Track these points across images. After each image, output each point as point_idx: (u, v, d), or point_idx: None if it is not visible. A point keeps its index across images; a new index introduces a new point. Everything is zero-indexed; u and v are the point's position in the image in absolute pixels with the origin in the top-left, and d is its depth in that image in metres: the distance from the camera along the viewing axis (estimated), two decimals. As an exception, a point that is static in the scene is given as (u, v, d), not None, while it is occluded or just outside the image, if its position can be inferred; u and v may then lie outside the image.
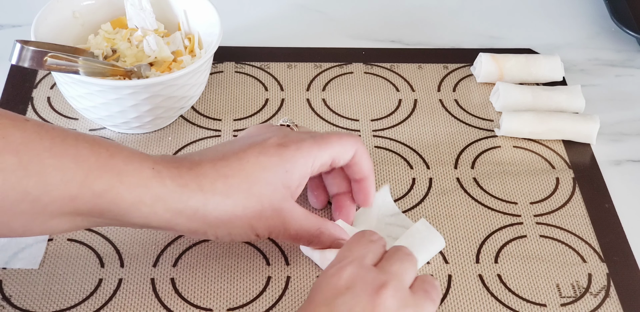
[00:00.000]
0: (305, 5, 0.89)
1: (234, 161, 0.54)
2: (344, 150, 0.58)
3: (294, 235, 0.57)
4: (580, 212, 0.67)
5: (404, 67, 0.80)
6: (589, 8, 0.91)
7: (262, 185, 0.54)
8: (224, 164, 0.54)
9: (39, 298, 0.58)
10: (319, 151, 0.57)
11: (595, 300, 0.61)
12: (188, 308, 0.58)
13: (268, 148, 0.55)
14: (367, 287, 0.48)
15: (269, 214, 0.55)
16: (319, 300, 0.49)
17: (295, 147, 0.56)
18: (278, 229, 0.56)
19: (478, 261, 0.63)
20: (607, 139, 0.75)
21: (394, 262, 0.51)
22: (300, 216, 0.56)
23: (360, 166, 0.60)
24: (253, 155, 0.55)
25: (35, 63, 0.61)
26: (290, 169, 0.55)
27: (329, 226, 0.58)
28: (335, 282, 0.49)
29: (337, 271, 0.50)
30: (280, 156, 0.55)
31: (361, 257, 0.51)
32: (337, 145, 0.58)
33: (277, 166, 0.55)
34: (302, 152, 0.56)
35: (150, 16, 0.72)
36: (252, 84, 0.77)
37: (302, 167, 0.56)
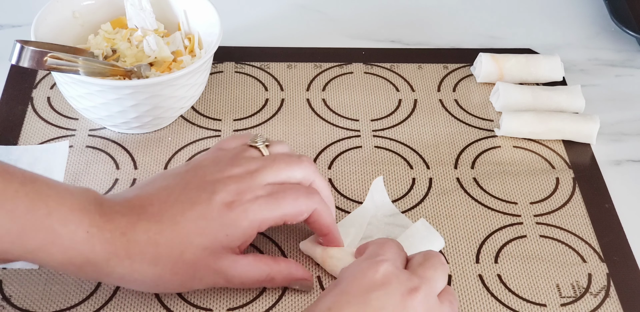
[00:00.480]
0: (305, 5, 0.89)
1: (168, 226, 0.53)
2: (297, 213, 0.56)
3: (239, 285, 0.56)
4: (580, 212, 0.67)
5: (404, 67, 0.80)
6: (588, 8, 0.91)
7: (195, 251, 0.53)
8: (158, 229, 0.52)
9: (39, 298, 0.58)
10: (269, 213, 0.55)
11: (595, 300, 0.61)
12: (188, 308, 0.58)
13: (211, 210, 0.53)
14: (401, 287, 0.50)
15: (203, 275, 0.54)
16: (353, 291, 0.49)
17: (241, 209, 0.54)
18: (219, 283, 0.55)
19: (478, 261, 0.63)
20: (607, 139, 0.75)
21: (428, 268, 0.52)
22: (244, 268, 0.55)
23: (319, 225, 0.58)
24: (191, 219, 0.53)
25: (35, 63, 0.61)
26: (232, 233, 0.54)
27: (282, 268, 0.57)
28: (371, 275, 0.50)
29: (374, 265, 0.51)
30: (222, 221, 0.53)
31: (394, 259, 0.52)
32: (290, 207, 0.55)
33: (217, 232, 0.53)
34: (248, 215, 0.54)
35: (150, 16, 0.72)
36: (252, 84, 0.77)
37: (247, 230, 0.54)
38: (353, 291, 0.49)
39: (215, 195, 0.54)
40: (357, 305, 0.49)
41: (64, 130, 0.71)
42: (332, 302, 0.49)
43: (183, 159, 0.69)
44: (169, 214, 0.53)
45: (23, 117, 0.72)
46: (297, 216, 0.56)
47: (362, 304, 0.49)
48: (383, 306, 0.48)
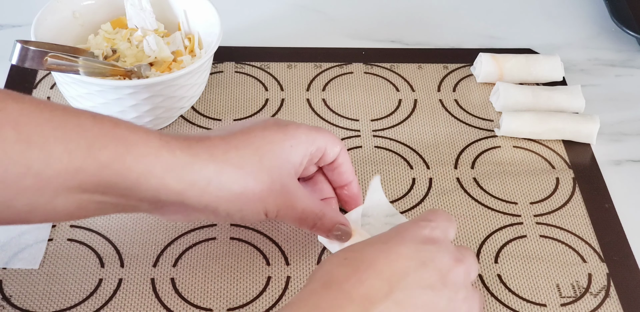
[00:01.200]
0: (305, 5, 0.89)
1: (241, 135, 0.54)
2: (333, 144, 0.59)
3: (300, 214, 0.56)
4: (580, 212, 0.67)
5: (404, 67, 0.80)
6: (589, 8, 0.91)
7: (271, 158, 0.54)
8: (232, 138, 0.54)
9: (39, 298, 0.58)
10: (317, 134, 0.57)
11: (595, 300, 0.61)
12: (188, 308, 0.58)
13: (270, 126, 0.56)
14: (450, 251, 0.50)
15: (278, 189, 0.54)
16: (408, 236, 0.50)
17: (294, 126, 0.57)
18: (286, 207, 0.55)
19: (478, 261, 0.63)
20: (607, 139, 0.75)
21: (468, 255, 0.52)
22: (305, 195, 0.56)
23: (345, 167, 0.60)
24: (259, 130, 0.55)
25: (36, 63, 0.61)
26: (295, 145, 0.56)
27: (330, 209, 0.58)
28: (427, 233, 0.51)
29: (430, 227, 0.51)
30: (284, 132, 0.56)
31: (445, 229, 0.52)
32: (328, 135, 0.59)
33: (282, 141, 0.55)
34: (302, 130, 0.57)
35: (150, 16, 0.72)
36: (252, 84, 0.77)
37: (304, 143, 0.56)
38: (409, 236, 0.50)
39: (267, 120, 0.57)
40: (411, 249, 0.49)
41: (64, 130, 0.71)
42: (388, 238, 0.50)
43: (183, 159, 0.69)
44: (237, 128, 0.55)
45: (23, 117, 0.72)
46: (333, 145, 0.58)
47: (415, 250, 0.49)
48: (433, 259, 0.49)
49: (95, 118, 0.48)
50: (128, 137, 0.48)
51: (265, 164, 0.53)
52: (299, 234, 0.64)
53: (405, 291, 0.46)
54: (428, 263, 0.48)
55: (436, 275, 0.48)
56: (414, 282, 0.47)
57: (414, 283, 0.47)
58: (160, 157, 0.49)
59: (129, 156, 0.48)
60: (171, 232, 0.63)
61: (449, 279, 0.49)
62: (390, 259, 0.48)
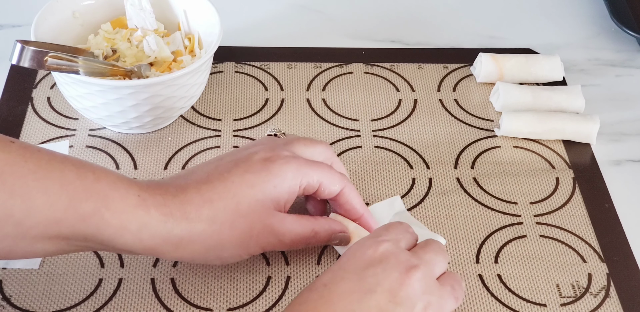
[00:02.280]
0: (305, 5, 0.89)
1: (219, 184, 0.53)
2: (331, 182, 0.57)
3: (289, 244, 0.57)
4: (580, 212, 0.67)
5: (404, 67, 0.80)
6: (589, 8, 0.91)
7: (249, 203, 0.53)
8: (208, 188, 0.53)
9: (39, 298, 0.58)
10: (309, 170, 0.56)
11: (595, 300, 0.61)
12: (188, 308, 0.58)
13: (254, 164, 0.55)
14: (400, 266, 0.50)
15: (259, 232, 0.54)
16: (350, 267, 0.50)
17: (282, 161, 0.55)
18: (272, 244, 0.56)
19: (478, 261, 0.63)
20: (607, 139, 0.75)
21: (428, 251, 0.53)
22: (292, 225, 0.56)
23: (352, 205, 0.59)
24: (238, 174, 0.54)
25: (36, 63, 0.61)
26: (279, 184, 0.54)
27: (322, 223, 0.58)
28: (371, 253, 0.50)
29: (375, 244, 0.51)
30: (268, 171, 0.54)
31: (397, 240, 0.52)
32: (325, 172, 0.57)
33: (264, 182, 0.54)
34: (291, 166, 0.55)
35: (150, 16, 0.72)
36: (252, 84, 0.77)
37: (291, 181, 0.55)
38: (350, 267, 0.50)
39: (254, 154, 0.56)
40: (353, 281, 0.49)
41: (64, 130, 0.71)
42: (329, 279, 0.50)
43: (183, 159, 0.69)
44: (216, 173, 0.54)
45: (23, 117, 0.72)
46: (332, 183, 0.57)
47: (358, 280, 0.49)
48: (379, 282, 0.49)
49: (78, 171, 0.50)
50: (107, 193, 0.50)
51: (242, 211, 0.53)
52: (299, 234, 0.64)
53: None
54: (375, 288, 0.48)
55: (386, 297, 0.48)
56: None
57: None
58: (136, 215, 0.50)
59: (107, 212, 0.50)
60: (171, 232, 0.63)
61: (402, 295, 0.49)
62: (332, 302, 0.48)
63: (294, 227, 0.56)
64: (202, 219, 0.52)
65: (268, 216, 0.54)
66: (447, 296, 0.52)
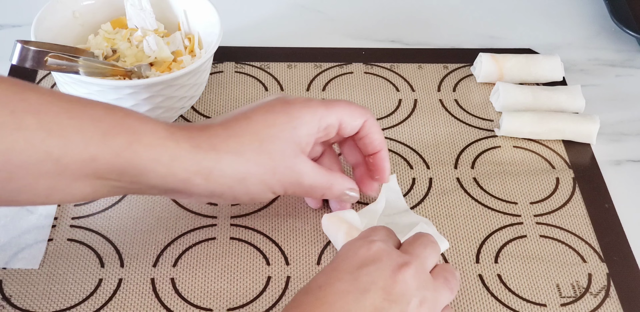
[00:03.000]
0: (305, 5, 0.89)
1: (242, 121, 0.55)
2: (352, 117, 0.59)
3: (307, 189, 0.58)
4: (580, 212, 0.67)
5: (404, 67, 0.80)
6: (589, 8, 0.91)
7: (272, 141, 0.55)
8: (233, 125, 0.55)
9: (39, 298, 0.58)
10: (326, 111, 0.57)
11: (595, 300, 0.61)
12: (188, 308, 0.58)
13: (274, 106, 0.57)
14: (392, 263, 0.50)
15: (282, 170, 0.56)
16: (344, 268, 0.50)
17: (301, 104, 0.57)
18: (293, 184, 0.57)
19: (478, 261, 0.63)
20: (607, 139, 0.75)
21: (417, 246, 0.53)
22: (312, 171, 0.57)
23: (371, 138, 0.60)
24: (260, 114, 0.56)
25: (36, 63, 0.61)
26: (298, 126, 0.56)
27: (338, 177, 0.59)
28: (363, 253, 0.51)
29: (366, 244, 0.52)
30: (287, 113, 0.56)
31: (386, 240, 0.53)
32: (345, 109, 0.58)
33: (284, 123, 0.56)
34: (309, 108, 0.57)
35: (150, 16, 0.72)
36: (252, 84, 0.77)
37: (309, 123, 0.57)
38: (344, 268, 0.50)
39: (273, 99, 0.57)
40: (348, 281, 0.49)
41: (64, 130, 0.71)
42: (324, 280, 0.50)
43: (183, 159, 0.69)
44: (240, 113, 0.56)
45: (23, 117, 0.72)
46: (351, 120, 0.58)
47: (352, 280, 0.49)
48: (373, 280, 0.49)
49: (107, 109, 0.51)
50: (138, 127, 0.51)
51: (266, 148, 0.55)
52: (299, 234, 0.64)
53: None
54: (369, 287, 0.49)
55: (380, 296, 0.48)
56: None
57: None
58: (167, 147, 0.52)
59: (139, 145, 0.51)
60: (171, 232, 0.63)
61: (396, 292, 0.49)
62: (328, 303, 0.48)
63: (314, 172, 0.57)
64: (229, 151, 0.54)
65: (290, 156, 0.56)
66: (442, 289, 0.52)
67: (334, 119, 0.58)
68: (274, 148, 0.55)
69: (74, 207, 0.65)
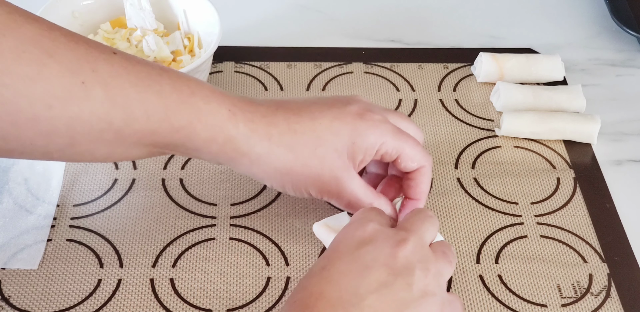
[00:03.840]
0: (305, 5, 0.89)
1: (307, 120, 0.56)
2: (412, 157, 0.58)
3: (346, 204, 0.58)
4: (581, 212, 0.67)
5: (404, 66, 0.80)
6: (589, 8, 0.91)
7: (328, 149, 0.55)
8: (296, 120, 0.55)
9: (38, 298, 0.58)
10: (392, 140, 0.57)
11: (596, 300, 0.61)
12: (187, 308, 0.58)
13: (345, 115, 0.56)
14: (390, 240, 0.51)
15: (326, 179, 0.56)
16: (343, 249, 0.51)
17: (371, 122, 0.57)
18: (331, 194, 0.57)
19: (478, 262, 0.63)
20: (608, 139, 0.74)
21: (414, 222, 0.54)
22: (357, 188, 0.57)
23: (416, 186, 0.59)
24: (328, 118, 0.56)
25: (35, 62, 0.61)
26: (359, 143, 0.56)
27: (382, 202, 0.59)
28: (359, 234, 0.51)
29: (360, 226, 0.52)
30: (354, 127, 0.56)
31: (379, 220, 0.53)
32: (409, 145, 0.58)
33: (347, 136, 0.56)
34: (376, 130, 0.57)
35: (149, 16, 0.72)
36: (252, 83, 0.77)
37: (371, 144, 0.56)
38: (343, 249, 0.51)
39: (349, 105, 0.58)
40: (348, 261, 0.49)
41: (63, 130, 0.71)
42: (325, 262, 0.50)
43: (183, 159, 0.69)
44: (308, 110, 0.56)
45: (22, 117, 0.72)
46: (411, 159, 0.58)
47: (353, 260, 0.49)
48: (374, 258, 0.49)
49: (174, 84, 0.53)
50: (201, 107, 0.53)
51: (320, 152, 0.55)
52: (299, 234, 0.64)
53: (360, 304, 0.47)
54: (371, 264, 0.49)
55: (384, 271, 0.49)
56: (364, 291, 0.48)
57: (364, 292, 0.48)
58: (224, 129, 0.54)
59: (199, 124, 0.53)
60: (170, 232, 0.63)
61: (398, 267, 0.49)
62: (333, 282, 0.48)
63: (358, 191, 0.57)
64: (283, 144, 0.55)
65: (341, 168, 0.56)
66: (442, 260, 0.52)
67: (394, 151, 0.57)
68: (327, 156, 0.55)
69: (73, 207, 0.64)
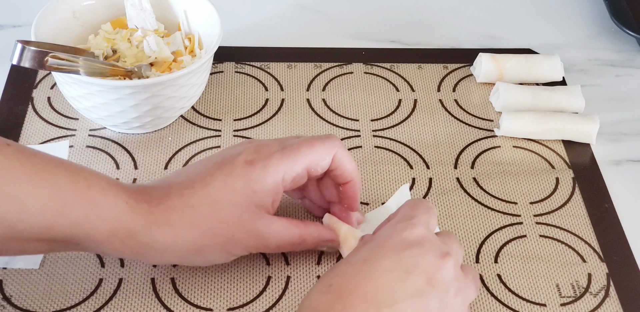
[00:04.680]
0: (305, 6, 0.89)
1: (200, 188, 0.54)
2: (318, 159, 0.57)
3: (275, 249, 0.57)
4: (580, 212, 0.67)
5: (403, 67, 0.80)
6: (588, 8, 0.91)
7: (230, 209, 0.54)
8: (190, 193, 0.54)
9: (40, 298, 0.58)
10: (288, 165, 0.56)
11: (595, 300, 0.61)
12: (188, 308, 0.59)
13: (235, 168, 0.55)
14: (435, 249, 0.51)
15: (241, 236, 0.55)
16: (387, 246, 0.50)
17: (261, 165, 0.55)
18: (257, 247, 0.56)
19: (478, 261, 0.63)
20: (607, 139, 0.75)
21: (454, 241, 0.54)
22: (279, 230, 0.56)
23: (342, 170, 0.58)
24: (220, 178, 0.54)
25: (37, 63, 0.61)
26: (259, 190, 0.55)
27: (312, 230, 0.58)
28: (407, 235, 0.51)
29: (409, 227, 0.52)
30: (247, 177, 0.54)
31: (426, 223, 0.53)
32: (308, 155, 0.56)
33: (244, 188, 0.54)
34: (269, 169, 0.55)
35: (150, 16, 0.72)
36: (252, 84, 0.77)
37: (271, 185, 0.55)
38: (388, 246, 0.50)
39: (238, 156, 0.56)
40: (392, 259, 0.49)
41: (64, 130, 0.71)
42: (367, 254, 0.50)
43: (183, 159, 0.70)
44: (199, 177, 0.55)
45: (23, 117, 0.72)
46: (318, 162, 0.57)
47: (396, 259, 0.49)
48: (417, 263, 0.49)
49: (71, 177, 0.51)
50: (99, 199, 0.51)
51: (222, 217, 0.54)
52: (299, 234, 0.64)
53: (393, 307, 0.47)
54: (412, 269, 0.49)
55: (423, 279, 0.49)
56: (400, 294, 0.48)
57: (401, 295, 0.48)
58: (124, 223, 0.52)
59: (97, 219, 0.51)
60: (171, 232, 0.63)
61: (437, 279, 0.49)
62: (373, 277, 0.48)
63: (281, 232, 0.56)
64: (184, 225, 0.53)
65: (252, 220, 0.55)
66: (471, 284, 0.53)
67: (300, 170, 0.56)
68: (231, 216, 0.54)
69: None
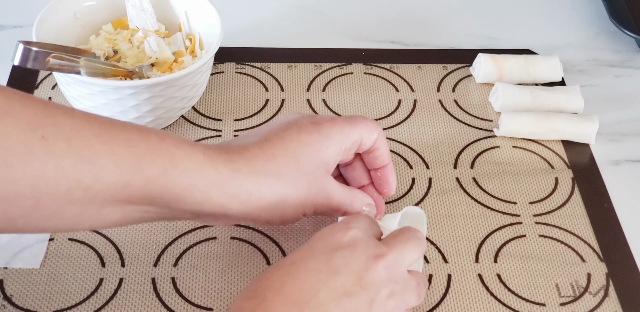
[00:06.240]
0: (306, 6, 0.89)
1: (277, 141, 0.55)
2: (370, 131, 0.59)
3: (335, 207, 0.58)
4: (580, 212, 0.68)
5: (403, 67, 0.81)
6: (587, 9, 0.91)
7: (307, 161, 0.55)
8: (269, 145, 0.55)
9: (40, 298, 0.59)
10: (351, 128, 0.58)
11: (594, 300, 0.61)
12: (189, 307, 0.59)
13: (305, 126, 0.57)
14: (368, 251, 0.51)
15: (314, 191, 0.56)
16: (319, 247, 0.51)
17: (329, 124, 0.57)
18: (323, 205, 0.57)
19: (477, 261, 0.63)
20: (606, 139, 0.75)
21: (398, 240, 0.53)
22: (338, 190, 0.58)
23: (382, 151, 0.61)
24: (294, 133, 0.56)
25: (38, 64, 0.61)
26: (330, 145, 0.56)
27: (358, 194, 0.60)
28: (339, 237, 0.51)
29: (344, 229, 0.52)
30: (319, 132, 0.56)
31: (365, 229, 0.53)
32: (364, 125, 0.59)
33: (317, 142, 0.56)
34: (337, 128, 0.57)
35: (151, 17, 0.72)
36: (253, 84, 0.78)
37: (339, 143, 0.57)
38: (319, 247, 0.51)
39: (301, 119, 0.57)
40: (321, 260, 0.49)
41: (65, 130, 0.71)
42: (298, 257, 0.50)
43: (184, 159, 0.70)
44: (272, 134, 0.56)
45: (24, 118, 0.72)
46: (370, 134, 0.59)
47: (326, 260, 0.49)
48: (347, 264, 0.49)
49: (141, 132, 0.50)
50: (174, 152, 0.50)
51: (302, 168, 0.55)
52: (299, 233, 0.64)
53: (318, 308, 0.47)
54: (341, 269, 0.49)
55: (351, 279, 0.49)
56: (326, 295, 0.48)
57: (326, 296, 0.47)
58: (204, 172, 0.50)
59: (174, 171, 0.49)
60: (172, 231, 0.64)
61: (367, 279, 0.49)
62: (298, 279, 0.48)
63: (339, 191, 0.58)
64: (269, 173, 0.53)
65: (322, 177, 0.56)
66: (412, 289, 0.52)
67: (357, 136, 0.58)
68: (309, 169, 0.55)
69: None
